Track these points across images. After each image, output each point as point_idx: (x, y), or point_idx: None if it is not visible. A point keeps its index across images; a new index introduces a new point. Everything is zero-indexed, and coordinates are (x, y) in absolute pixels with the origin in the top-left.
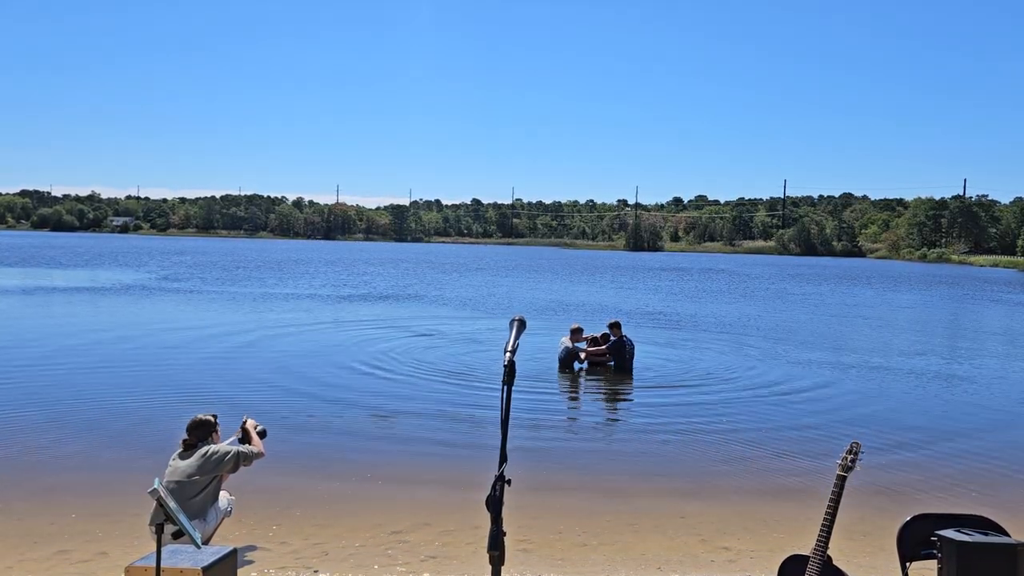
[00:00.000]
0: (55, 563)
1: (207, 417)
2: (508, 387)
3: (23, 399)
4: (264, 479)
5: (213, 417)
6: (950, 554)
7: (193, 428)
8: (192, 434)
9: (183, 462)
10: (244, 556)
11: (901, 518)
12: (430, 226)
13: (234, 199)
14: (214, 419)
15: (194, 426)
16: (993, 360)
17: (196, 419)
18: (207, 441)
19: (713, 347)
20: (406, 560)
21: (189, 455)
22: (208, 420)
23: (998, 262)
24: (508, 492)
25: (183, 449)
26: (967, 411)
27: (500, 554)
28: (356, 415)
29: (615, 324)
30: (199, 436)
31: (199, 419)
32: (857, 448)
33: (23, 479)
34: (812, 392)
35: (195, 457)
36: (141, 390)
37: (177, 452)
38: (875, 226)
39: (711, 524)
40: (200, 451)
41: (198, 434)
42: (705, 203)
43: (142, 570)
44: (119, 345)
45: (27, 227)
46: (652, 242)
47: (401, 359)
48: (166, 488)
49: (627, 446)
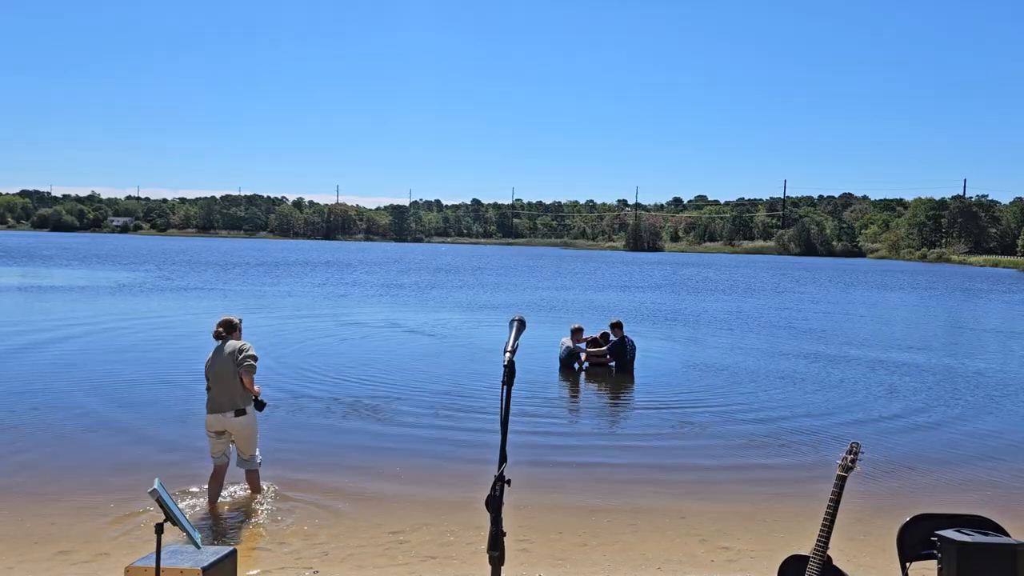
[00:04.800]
0: (55, 563)
1: (233, 318)
2: (508, 387)
3: (23, 399)
4: (264, 479)
5: (238, 319)
6: (950, 554)
7: (221, 324)
8: (220, 327)
9: (214, 357)
10: (244, 556)
11: (901, 518)
12: (430, 226)
13: (234, 199)
14: (239, 321)
15: (222, 323)
16: (993, 359)
17: (224, 318)
18: (232, 336)
19: (713, 347)
20: (406, 560)
21: (218, 351)
22: (232, 320)
23: (998, 262)
24: (508, 492)
25: (217, 342)
26: (967, 411)
27: (500, 554)
28: (355, 415)
29: (617, 324)
30: (226, 330)
31: (226, 318)
32: (857, 448)
33: (23, 479)
34: (812, 391)
35: (229, 352)
36: (141, 391)
37: (213, 349)
38: (875, 226)
39: (711, 524)
40: (234, 347)
41: (224, 328)
42: (705, 203)
43: (142, 570)
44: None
45: (27, 227)
46: (652, 242)
47: (401, 359)
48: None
49: (627, 446)
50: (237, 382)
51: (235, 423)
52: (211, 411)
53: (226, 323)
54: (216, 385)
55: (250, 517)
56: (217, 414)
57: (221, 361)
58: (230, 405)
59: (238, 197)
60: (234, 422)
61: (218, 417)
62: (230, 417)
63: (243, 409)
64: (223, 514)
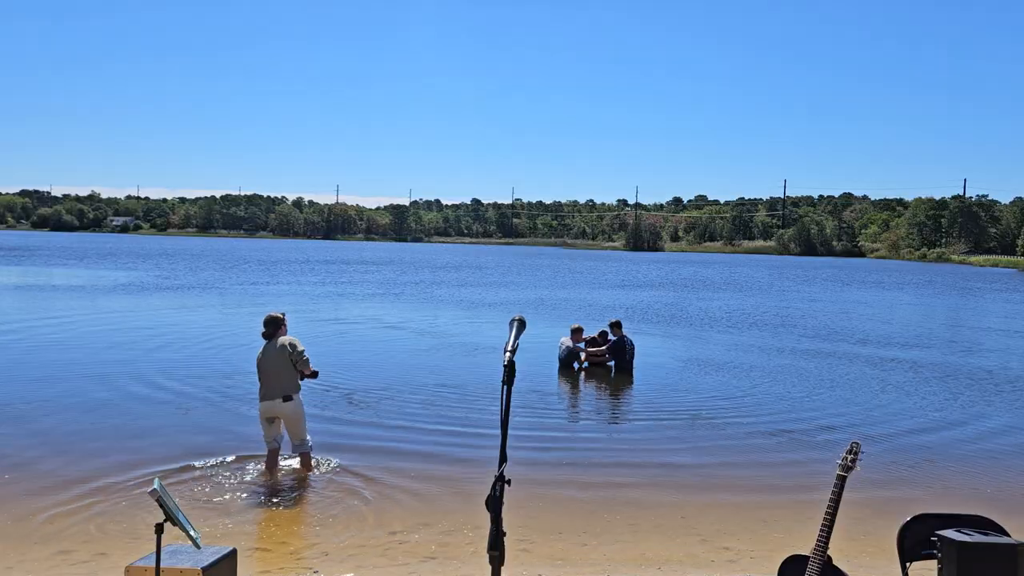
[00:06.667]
0: (55, 563)
1: (278, 314)
2: (508, 387)
3: (21, 399)
4: (264, 479)
5: (282, 315)
6: (950, 554)
7: (267, 323)
8: (267, 327)
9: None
10: (244, 556)
11: (901, 518)
12: (430, 226)
13: (234, 199)
14: (282, 316)
15: (268, 322)
16: (994, 358)
17: (269, 316)
18: (279, 333)
19: (712, 346)
20: (406, 560)
21: (272, 346)
22: (278, 316)
23: (998, 262)
24: (508, 492)
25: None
26: (967, 410)
27: (500, 554)
28: (355, 415)
29: (616, 323)
30: (272, 329)
31: (271, 316)
32: (857, 448)
33: (22, 478)
34: (812, 391)
35: (279, 347)
36: (141, 391)
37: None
38: (875, 226)
39: (711, 524)
40: (284, 342)
41: (271, 327)
42: (705, 203)
43: (142, 570)
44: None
45: (27, 227)
46: (652, 242)
47: (399, 358)
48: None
49: (627, 446)
50: (286, 373)
51: (284, 408)
52: (263, 399)
53: (270, 321)
54: (267, 377)
55: (250, 517)
56: (269, 402)
57: (272, 356)
58: (279, 392)
59: (238, 197)
60: (283, 407)
61: (269, 404)
62: (279, 403)
63: (290, 396)
64: (224, 514)
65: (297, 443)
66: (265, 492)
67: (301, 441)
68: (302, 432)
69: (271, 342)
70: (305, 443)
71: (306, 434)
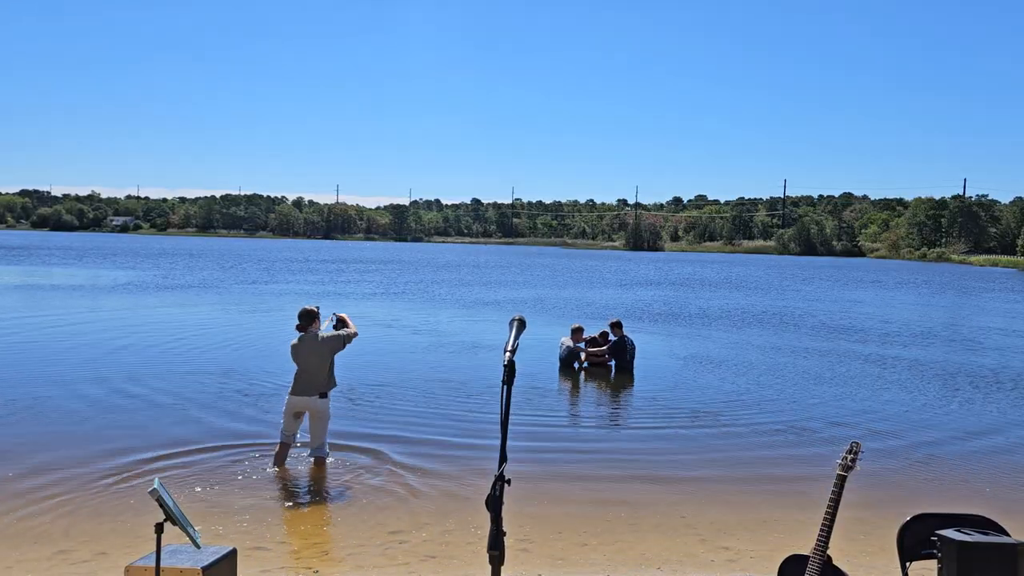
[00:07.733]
0: (55, 563)
1: (312, 308)
2: (508, 387)
3: (20, 398)
4: (264, 478)
5: (316, 308)
6: (950, 554)
7: (302, 316)
8: (302, 320)
9: (304, 347)
10: (244, 556)
11: (901, 518)
12: (430, 226)
13: (234, 199)
14: (316, 309)
15: (302, 314)
16: (994, 357)
17: (304, 309)
18: (313, 325)
19: (712, 345)
20: (406, 560)
21: (306, 340)
22: (312, 310)
23: (998, 261)
24: (508, 492)
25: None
26: (967, 409)
27: (500, 554)
28: (355, 414)
29: (616, 323)
30: (307, 322)
31: (305, 309)
32: (857, 448)
33: (21, 477)
34: (812, 390)
35: (314, 343)
36: (140, 390)
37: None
38: (875, 226)
39: (711, 524)
40: (318, 337)
41: (306, 321)
42: (705, 203)
43: (142, 570)
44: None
45: (27, 227)
46: (652, 242)
47: (399, 357)
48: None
49: (627, 446)
50: (324, 368)
51: (319, 404)
52: (297, 393)
53: (305, 314)
54: (304, 372)
55: (250, 517)
56: (303, 396)
57: (309, 349)
58: (316, 389)
59: (238, 196)
60: (318, 403)
61: (303, 399)
62: (316, 399)
63: (326, 393)
64: (224, 513)
65: (317, 446)
66: (265, 492)
67: (321, 444)
68: (324, 433)
69: (307, 336)
70: (324, 447)
71: (326, 437)
